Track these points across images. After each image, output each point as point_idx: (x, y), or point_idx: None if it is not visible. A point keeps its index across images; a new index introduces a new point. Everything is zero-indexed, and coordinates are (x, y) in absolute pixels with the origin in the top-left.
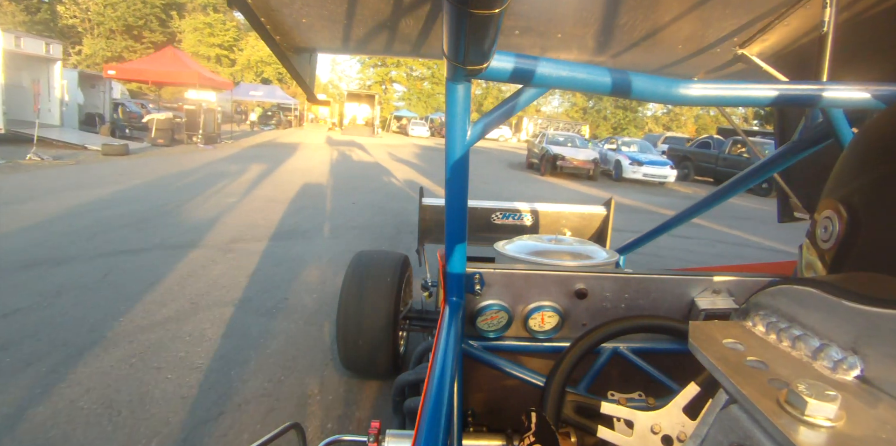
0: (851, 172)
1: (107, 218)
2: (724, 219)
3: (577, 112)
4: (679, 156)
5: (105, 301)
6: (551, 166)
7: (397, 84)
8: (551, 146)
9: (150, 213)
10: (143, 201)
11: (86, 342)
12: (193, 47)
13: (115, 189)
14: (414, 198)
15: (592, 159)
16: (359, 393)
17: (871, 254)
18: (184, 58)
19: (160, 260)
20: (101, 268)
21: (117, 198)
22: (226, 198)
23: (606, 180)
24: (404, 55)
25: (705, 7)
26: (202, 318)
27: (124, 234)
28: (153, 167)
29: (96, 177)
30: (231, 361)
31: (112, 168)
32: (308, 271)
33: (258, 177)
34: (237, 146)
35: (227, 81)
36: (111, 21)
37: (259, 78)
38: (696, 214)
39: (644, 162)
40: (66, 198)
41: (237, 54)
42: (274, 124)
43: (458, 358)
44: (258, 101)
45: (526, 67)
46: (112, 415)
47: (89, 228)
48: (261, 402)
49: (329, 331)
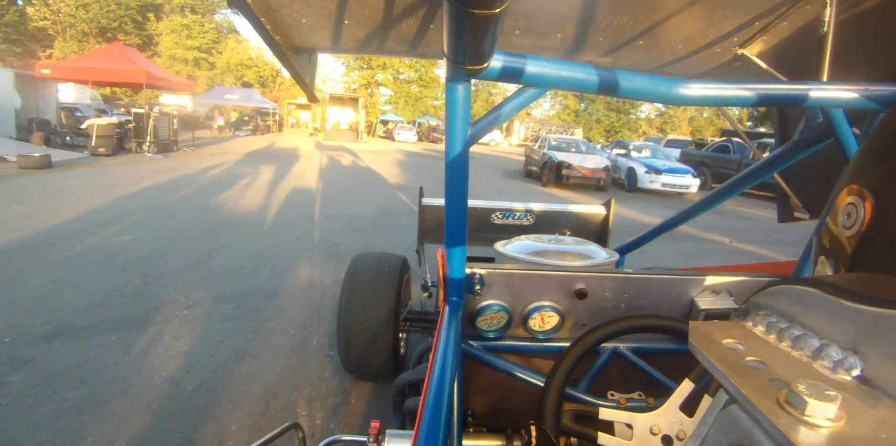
0: (877, 158)
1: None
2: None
3: (568, 115)
4: (695, 162)
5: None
6: (555, 175)
7: (384, 87)
8: (555, 152)
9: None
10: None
11: None
12: (171, 50)
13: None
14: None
15: (603, 167)
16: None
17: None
18: (131, 55)
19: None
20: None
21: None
22: (118, 235)
23: (618, 191)
24: (404, 55)
25: (705, 7)
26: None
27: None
28: (54, 187)
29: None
30: None
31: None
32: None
33: (183, 203)
34: (195, 155)
35: (187, 82)
36: (83, 23)
37: (240, 81)
38: (697, 214)
39: (663, 170)
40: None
41: (216, 57)
42: (251, 130)
43: (458, 358)
44: (234, 104)
45: (526, 67)
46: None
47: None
48: None
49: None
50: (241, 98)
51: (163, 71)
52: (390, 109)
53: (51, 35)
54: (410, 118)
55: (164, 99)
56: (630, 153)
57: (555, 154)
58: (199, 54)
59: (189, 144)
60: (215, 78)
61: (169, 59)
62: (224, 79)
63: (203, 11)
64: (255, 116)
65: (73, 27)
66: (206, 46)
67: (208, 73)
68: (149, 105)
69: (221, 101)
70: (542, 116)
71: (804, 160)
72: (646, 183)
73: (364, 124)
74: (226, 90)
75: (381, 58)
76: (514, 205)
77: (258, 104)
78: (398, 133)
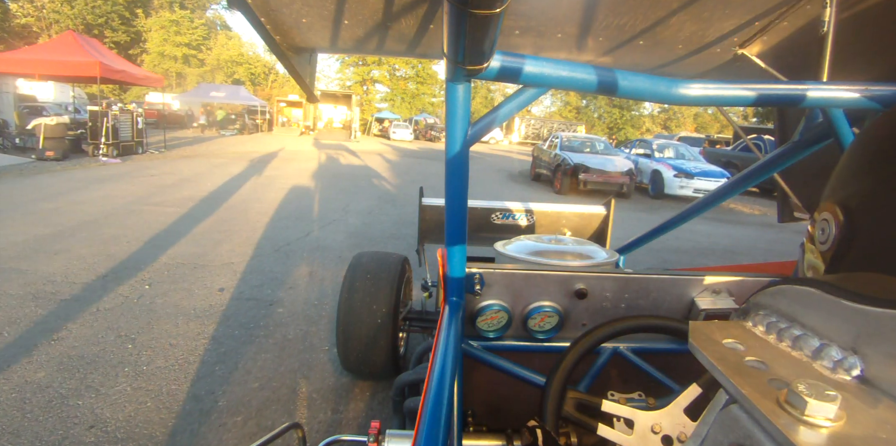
0: (849, 176)
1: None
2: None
3: (570, 112)
4: (722, 162)
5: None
6: (571, 180)
7: (379, 84)
8: (569, 153)
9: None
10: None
11: None
12: (159, 47)
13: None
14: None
15: (626, 171)
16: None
17: (867, 258)
18: (87, 45)
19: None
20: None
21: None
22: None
23: (642, 198)
24: (404, 55)
25: (705, 7)
26: None
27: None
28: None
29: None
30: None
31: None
32: None
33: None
34: (159, 159)
35: (153, 76)
36: (68, 19)
37: (230, 79)
38: (697, 214)
39: (694, 173)
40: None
41: (206, 54)
42: (237, 129)
43: (458, 358)
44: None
45: (526, 67)
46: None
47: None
48: None
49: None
50: (227, 95)
51: (123, 63)
52: (387, 107)
53: (35, 32)
54: (407, 116)
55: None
56: (654, 154)
57: (569, 155)
58: (188, 51)
59: (160, 146)
60: (205, 75)
61: (158, 56)
62: (214, 76)
63: (193, 7)
64: (244, 115)
65: (58, 23)
66: (195, 43)
67: (198, 70)
68: (105, 102)
69: (207, 98)
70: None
71: (804, 160)
72: (675, 188)
73: (359, 122)
74: (212, 87)
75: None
76: (514, 205)
77: (246, 102)
78: (393, 131)
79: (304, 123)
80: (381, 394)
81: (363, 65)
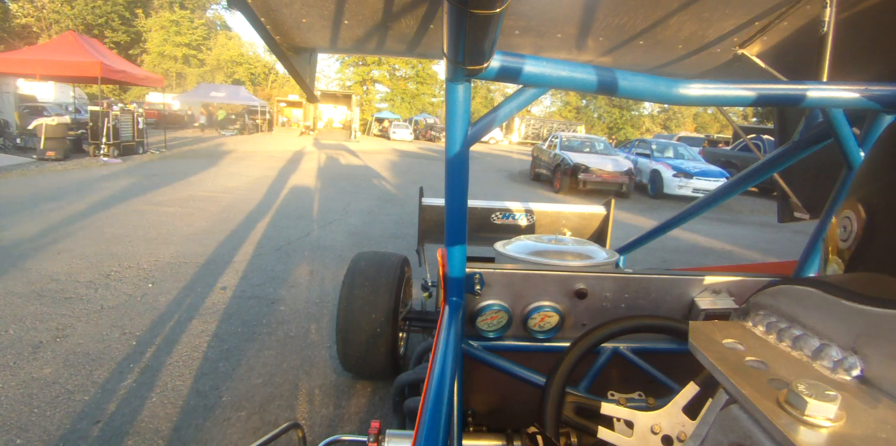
0: (871, 173)
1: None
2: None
3: (569, 112)
4: (721, 162)
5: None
6: (570, 180)
7: (379, 84)
8: (569, 153)
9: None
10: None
11: None
12: (159, 47)
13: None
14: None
15: (626, 170)
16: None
17: (889, 256)
18: (87, 45)
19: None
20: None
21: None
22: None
23: (640, 198)
24: (404, 55)
25: (705, 7)
26: None
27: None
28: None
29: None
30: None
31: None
32: None
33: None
34: (162, 158)
35: (153, 76)
36: (68, 19)
37: (230, 79)
38: (697, 214)
39: (693, 173)
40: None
41: (206, 54)
42: (237, 129)
43: (458, 358)
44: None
45: (526, 67)
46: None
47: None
48: None
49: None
50: (227, 95)
51: (123, 63)
52: (386, 107)
53: (35, 32)
54: (407, 116)
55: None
56: (654, 153)
57: (569, 155)
58: (188, 51)
59: (160, 146)
60: (205, 75)
61: (158, 56)
62: (214, 76)
63: (193, 7)
64: (244, 114)
65: (58, 24)
66: (195, 43)
67: (198, 70)
68: (106, 102)
69: (207, 98)
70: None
71: (804, 160)
72: (674, 188)
73: (359, 122)
74: (212, 87)
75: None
76: (514, 205)
77: (246, 101)
78: (393, 131)
79: (304, 123)
80: (382, 391)
81: (363, 65)
